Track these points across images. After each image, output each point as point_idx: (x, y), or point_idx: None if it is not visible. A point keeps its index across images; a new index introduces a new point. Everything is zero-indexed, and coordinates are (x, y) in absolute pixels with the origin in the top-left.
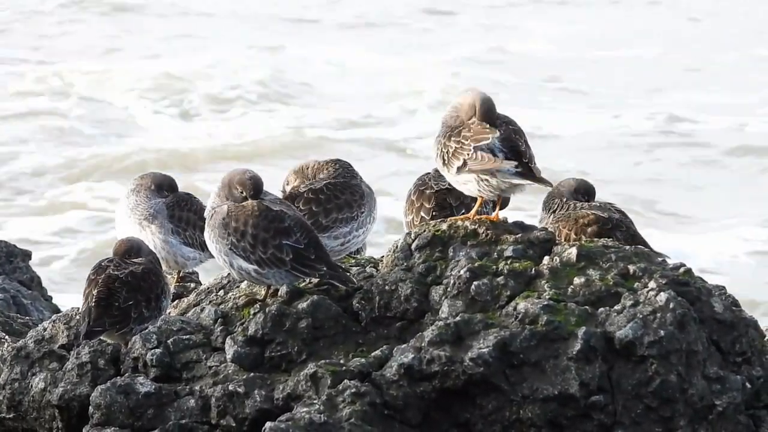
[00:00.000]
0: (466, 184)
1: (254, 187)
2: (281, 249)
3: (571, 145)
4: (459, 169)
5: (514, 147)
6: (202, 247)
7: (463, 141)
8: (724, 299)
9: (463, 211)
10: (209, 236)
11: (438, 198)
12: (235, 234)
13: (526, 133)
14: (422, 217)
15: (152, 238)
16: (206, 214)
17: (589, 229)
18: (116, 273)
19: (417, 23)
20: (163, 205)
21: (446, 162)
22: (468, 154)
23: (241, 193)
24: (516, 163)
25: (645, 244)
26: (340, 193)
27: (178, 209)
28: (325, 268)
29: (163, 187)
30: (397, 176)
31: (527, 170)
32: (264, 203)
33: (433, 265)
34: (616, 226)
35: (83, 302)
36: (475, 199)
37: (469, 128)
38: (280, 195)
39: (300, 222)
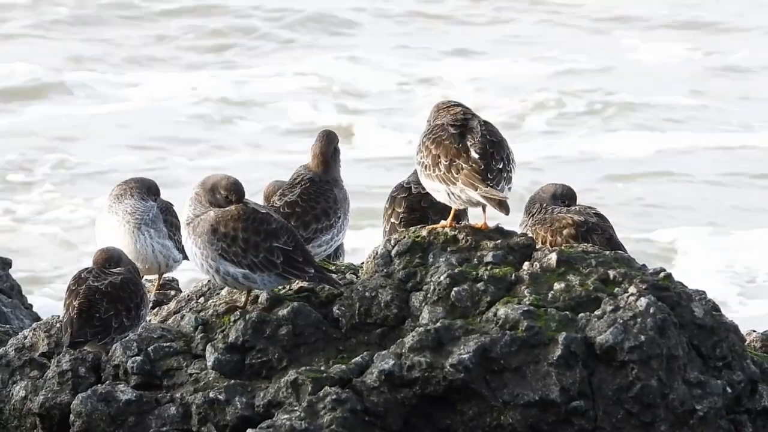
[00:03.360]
0: (436, 193)
1: (238, 191)
2: (272, 252)
3: None
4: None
5: (486, 164)
6: (183, 251)
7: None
8: (704, 304)
9: (438, 217)
10: (194, 243)
11: (409, 201)
12: (224, 239)
13: None
14: (392, 222)
15: (150, 242)
16: (186, 220)
17: (565, 232)
18: (96, 284)
19: None
20: (158, 210)
21: (426, 168)
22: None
23: (226, 197)
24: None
25: (622, 248)
26: (315, 203)
27: (169, 214)
28: (313, 271)
29: (152, 190)
30: None
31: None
32: (249, 206)
33: (413, 272)
34: (591, 230)
35: (64, 312)
36: (447, 207)
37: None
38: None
39: (285, 225)
